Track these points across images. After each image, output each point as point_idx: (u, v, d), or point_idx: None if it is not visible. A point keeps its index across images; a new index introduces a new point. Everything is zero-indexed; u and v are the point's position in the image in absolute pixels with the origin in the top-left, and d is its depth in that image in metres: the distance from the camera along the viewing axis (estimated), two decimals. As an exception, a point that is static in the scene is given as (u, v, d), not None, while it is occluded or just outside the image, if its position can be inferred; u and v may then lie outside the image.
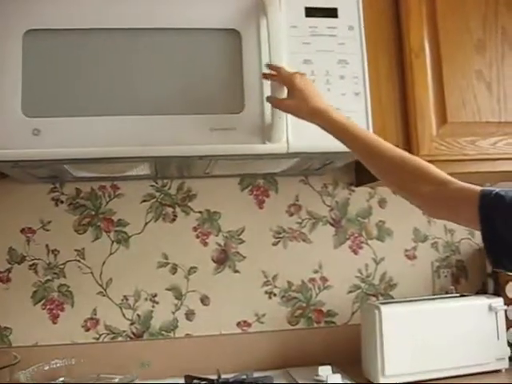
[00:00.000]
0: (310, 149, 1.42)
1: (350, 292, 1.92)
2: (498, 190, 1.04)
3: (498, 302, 1.70)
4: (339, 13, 1.45)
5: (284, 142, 1.38)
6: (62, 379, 1.57)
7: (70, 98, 1.33)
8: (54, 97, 1.33)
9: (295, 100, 1.31)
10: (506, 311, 1.73)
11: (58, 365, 1.60)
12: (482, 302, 1.70)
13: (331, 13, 1.45)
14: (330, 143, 1.39)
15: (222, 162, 1.53)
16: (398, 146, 1.47)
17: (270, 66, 1.36)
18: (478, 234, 1.91)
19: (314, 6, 1.44)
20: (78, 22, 1.35)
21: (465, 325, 1.66)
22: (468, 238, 2.01)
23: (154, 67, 1.37)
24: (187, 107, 1.36)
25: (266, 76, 1.37)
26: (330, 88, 1.42)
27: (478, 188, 1.06)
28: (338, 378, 1.58)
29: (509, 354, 1.69)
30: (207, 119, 1.36)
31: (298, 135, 1.39)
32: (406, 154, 1.19)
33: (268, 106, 1.36)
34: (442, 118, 1.58)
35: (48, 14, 1.35)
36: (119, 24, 1.37)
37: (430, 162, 1.17)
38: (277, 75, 1.34)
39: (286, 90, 1.33)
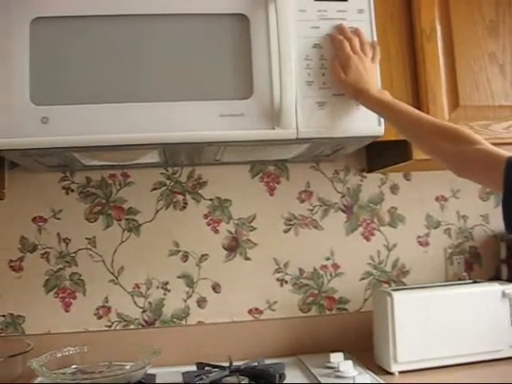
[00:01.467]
0: (319, 134, 1.40)
1: (362, 279, 1.91)
2: None
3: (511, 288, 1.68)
4: (349, -4, 1.43)
5: (293, 128, 1.37)
6: (74, 366, 1.58)
7: (79, 85, 1.33)
8: (62, 85, 1.32)
9: (347, 78, 1.37)
10: (519, 297, 1.71)
11: (71, 352, 1.60)
12: (495, 288, 1.68)
13: (340, -4, 1.43)
14: (340, 128, 1.40)
15: (231, 149, 1.52)
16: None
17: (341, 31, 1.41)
18: (492, 219, 1.96)
19: (323, -11, 1.43)
20: (86, 9, 1.34)
21: (477, 311, 1.64)
22: (482, 223, 1.99)
23: (162, 53, 1.35)
24: (196, 93, 1.35)
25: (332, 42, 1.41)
26: (340, 72, 1.41)
27: (506, 154, 1.10)
28: (349, 364, 1.57)
29: (522, 340, 1.68)
30: (216, 105, 1.35)
31: (308, 121, 1.38)
32: (439, 121, 1.28)
33: (277, 91, 1.34)
34: (455, 102, 1.56)
35: (55, 2, 1.34)
36: (127, 10, 1.35)
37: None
38: (340, 48, 1.39)
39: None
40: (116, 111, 1.32)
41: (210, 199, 1.86)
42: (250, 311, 1.85)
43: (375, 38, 1.43)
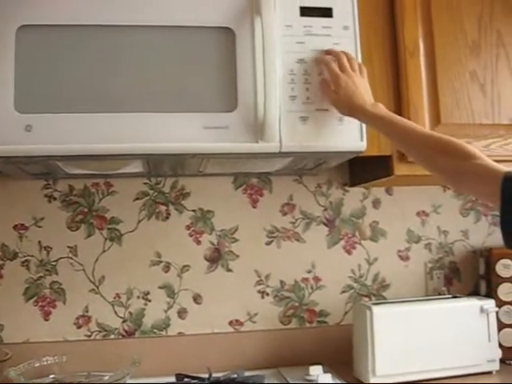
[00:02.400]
0: (302, 148, 1.41)
1: (343, 292, 1.92)
2: None
3: (490, 303, 1.70)
4: (334, 12, 1.45)
5: (277, 142, 1.38)
6: (52, 376, 1.56)
7: (63, 94, 1.33)
8: (47, 93, 1.32)
9: (338, 97, 1.38)
10: (497, 313, 1.73)
11: (49, 362, 1.59)
12: (474, 303, 1.69)
13: (326, 12, 1.44)
14: (323, 143, 1.41)
15: (215, 161, 1.53)
16: (391, 146, 1.49)
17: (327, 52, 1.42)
18: (471, 235, 1.98)
19: (309, 5, 1.43)
20: (72, 19, 1.34)
21: (456, 326, 1.65)
22: (462, 239, 2.01)
23: (148, 64, 1.36)
24: (180, 105, 1.36)
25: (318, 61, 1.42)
26: (324, 88, 1.42)
27: (503, 169, 1.10)
28: (328, 377, 1.58)
29: (500, 355, 1.69)
30: (200, 117, 1.35)
31: (291, 135, 1.39)
32: (437, 134, 1.27)
33: (261, 104, 1.35)
34: (436, 119, 1.58)
35: (42, 10, 1.34)
36: (113, 21, 1.35)
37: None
38: (327, 68, 1.40)
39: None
40: (100, 121, 1.32)
41: (193, 210, 1.86)
42: (230, 323, 1.85)
43: (360, 54, 1.44)
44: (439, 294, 1.89)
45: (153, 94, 1.35)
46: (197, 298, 1.84)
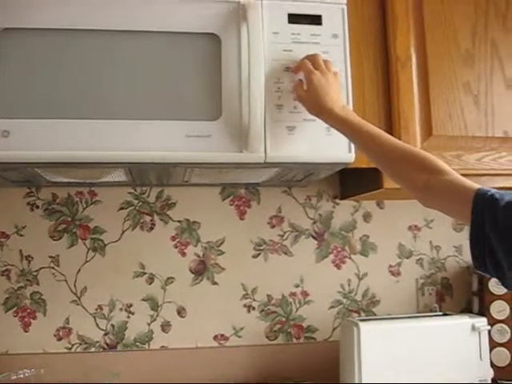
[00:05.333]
0: (288, 159, 1.37)
1: (332, 307, 1.87)
2: (494, 191, 1.02)
3: (482, 321, 1.66)
4: (323, 20, 1.41)
5: (262, 152, 1.33)
6: (29, 389, 1.53)
7: (42, 99, 1.28)
8: (25, 98, 1.28)
9: (308, 94, 1.31)
10: (489, 331, 1.68)
11: (27, 374, 1.55)
12: (465, 321, 1.65)
13: (315, 20, 1.40)
14: (309, 154, 1.37)
15: (199, 171, 1.49)
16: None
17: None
18: (465, 251, 1.93)
19: (298, 12, 1.40)
20: (54, 23, 1.31)
21: (447, 344, 1.61)
22: (455, 254, 1.96)
23: (130, 70, 1.32)
24: (162, 112, 1.32)
25: (293, 70, 1.37)
26: (312, 97, 1.38)
27: (475, 186, 1.05)
28: (313, 396, 1.54)
29: (492, 375, 1.65)
30: (182, 125, 1.31)
31: (277, 145, 1.34)
32: (406, 145, 1.21)
33: (246, 113, 1.31)
34: (427, 131, 1.54)
35: (25, 13, 1.31)
36: (96, 26, 1.32)
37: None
38: (301, 66, 1.35)
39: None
40: (79, 127, 1.28)
41: (179, 221, 1.82)
42: (215, 337, 1.81)
43: (349, 64, 1.40)
44: (431, 311, 1.85)
45: (134, 100, 1.31)
46: (181, 311, 1.80)
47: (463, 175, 1.14)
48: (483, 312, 1.78)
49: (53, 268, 1.75)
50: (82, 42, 1.32)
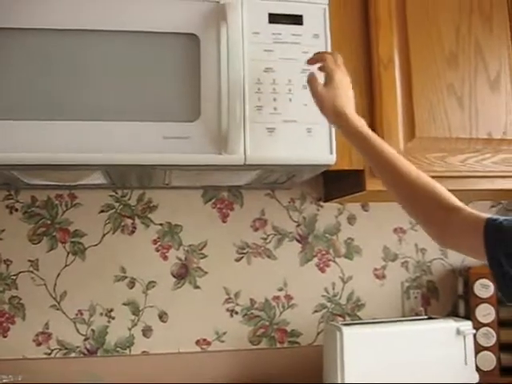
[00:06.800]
0: (268, 161, 1.34)
1: (316, 311, 1.85)
2: (502, 219, 0.99)
3: (467, 325, 1.64)
4: (304, 20, 1.38)
5: (241, 154, 1.31)
6: (6, 397, 1.50)
7: (13, 100, 1.25)
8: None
9: (327, 92, 1.23)
10: (475, 335, 1.66)
11: (4, 381, 1.53)
12: (450, 325, 1.64)
13: (296, 20, 1.38)
14: (290, 156, 1.35)
15: (179, 173, 1.46)
16: (363, 160, 1.42)
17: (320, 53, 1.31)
18: (450, 254, 1.91)
19: (278, 12, 1.38)
20: (32, 22, 1.28)
21: (432, 349, 1.60)
22: (440, 257, 1.94)
23: (107, 71, 1.29)
24: (140, 114, 1.29)
25: (311, 61, 1.31)
26: (292, 98, 1.35)
27: (484, 217, 1.01)
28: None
29: (477, 379, 1.63)
30: (160, 127, 1.29)
31: (256, 147, 1.32)
32: (421, 176, 1.14)
33: (225, 115, 1.29)
34: (411, 133, 1.52)
35: (2, 13, 1.28)
36: (73, 25, 1.29)
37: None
38: (323, 61, 1.28)
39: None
40: (55, 129, 1.25)
41: (160, 224, 1.79)
42: (197, 342, 1.78)
43: (330, 64, 1.38)
44: (416, 315, 1.83)
45: (110, 101, 1.29)
46: (162, 316, 1.77)
47: (447, 177, 1.13)
48: (469, 315, 1.76)
49: (32, 272, 1.72)
50: (58, 42, 1.29)
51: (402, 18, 1.54)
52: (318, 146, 1.35)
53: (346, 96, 1.25)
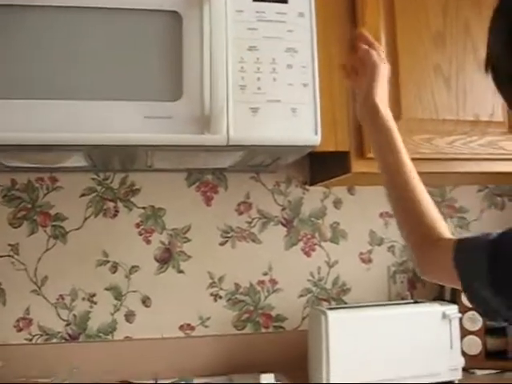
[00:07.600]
0: (251, 141, 1.32)
1: (301, 296, 1.83)
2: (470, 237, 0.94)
3: (453, 309, 1.63)
4: (289, -2, 1.36)
5: (224, 134, 1.28)
6: (-15, 383, 1.47)
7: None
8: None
9: (367, 80, 1.17)
10: (461, 319, 1.65)
11: (-16, 367, 1.50)
12: (436, 309, 1.62)
13: (280, -2, 1.36)
14: (274, 136, 1.32)
15: (161, 154, 1.44)
16: (349, 141, 1.40)
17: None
18: (436, 238, 1.89)
19: (263, -10, 1.35)
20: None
21: (417, 333, 1.58)
22: (427, 242, 1.92)
23: (87, 49, 1.26)
24: (120, 93, 1.26)
25: (362, 37, 1.23)
26: (276, 77, 1.32)
27: (451, 240, 0.97)
28: (278, 386, 1.50)
29: (462, 364, 1.62)
30: (141, 106, 1.26)
31: (240, 127, 1.29)
32: (426, 198, 1.08)
33: (207, 94, 1.26)
34: (397, 114, 1.46)
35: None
36: (51, 2, 1.26)
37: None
38: (373, 48, 1.20)
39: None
40: (31, 108, 1.22)
41: (143, 207, 1.77)
42: (181, 327, 1.76)
43: (315, 44, 1.35)
44: (402, 299, 1.82)
45: (92, 80, 1.25)
46: (145, 301, 1.75)
47: (434, 160, 1.10)
48: (455, 300, 1.75)
49: (12, 257, 1.70)
50: (37, 19, 1.25)
51: (388, -2, 1.52)
52: (302, 127, 1.33)
53: (382, 88, 1.18)
